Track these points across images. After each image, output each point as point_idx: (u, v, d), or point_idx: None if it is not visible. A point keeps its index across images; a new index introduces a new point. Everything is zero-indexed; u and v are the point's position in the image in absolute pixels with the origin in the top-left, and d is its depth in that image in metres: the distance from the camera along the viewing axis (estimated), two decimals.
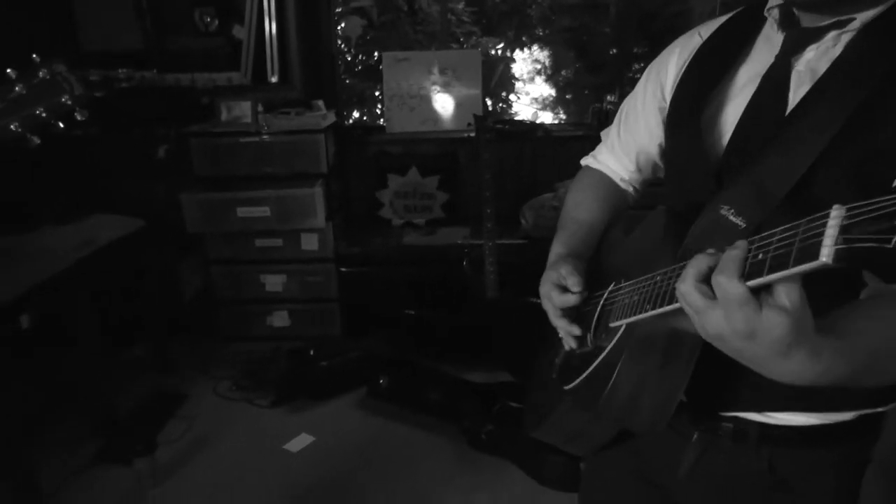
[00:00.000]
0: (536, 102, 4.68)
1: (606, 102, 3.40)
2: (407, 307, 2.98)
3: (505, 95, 4.48)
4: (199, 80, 3.15)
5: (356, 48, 3.91)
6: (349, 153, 3.36)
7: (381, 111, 4.28)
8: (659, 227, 0.94)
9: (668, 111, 0.99)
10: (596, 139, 1.20)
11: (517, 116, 4.29)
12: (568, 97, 4.44)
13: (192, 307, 3.15)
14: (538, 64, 4.60)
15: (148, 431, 2.42)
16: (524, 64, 4.57)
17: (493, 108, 4.20)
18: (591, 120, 3.39)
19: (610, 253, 1.09)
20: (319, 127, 2.94)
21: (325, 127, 2.96)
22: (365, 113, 4.63)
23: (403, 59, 3.37)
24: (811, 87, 0.78)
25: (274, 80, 3.15)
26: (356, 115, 4.65)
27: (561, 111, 4.58)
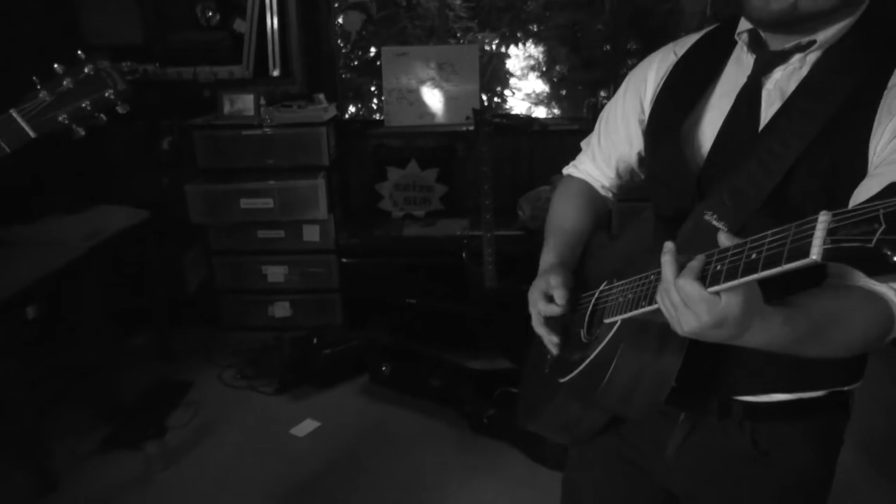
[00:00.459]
0: (530, 98, 4.74)
1: (601, 98, 3.47)
2: (407, 297, 3.05)
3: (500, 90, 4.54)
4: (200, 73, 3.19)
5: (355, 43, 3.95)
6: (349, 146, 3.41)
7: (377, 106, 4.33)
8: (648, 231, 1.05)
9: (646, 123, 1.06)
10: (590, 134, 1.26)
11: (512, 111, 4.35)
12: (562, 93, 4.51)
13: (195, 297, 3.19)
14: (532, 60, 4.66)
15: (157, 417, 2.47)
16: (520, 60, 4.63)
17: (487, 103, 4.25)
18: (586, 114, 3.46)
19: (599, 255, 1.16)
20: (321, 120, 2.99)
21: (326, 120, 3.01)
22: (361, 108, 4.67)
23: (402, 53, 3.43)
24: (781, 105, 0.86)
25: (275, 73, 3.20)
26: (352, 109, 4.69)
27: (555, 107, 4.65)
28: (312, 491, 2.23)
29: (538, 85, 4.74)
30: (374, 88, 4.43)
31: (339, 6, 3.60)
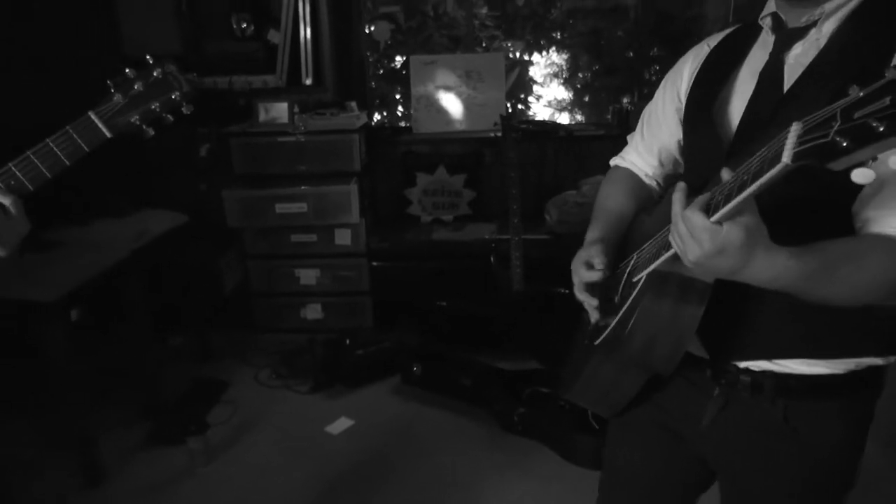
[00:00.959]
0: (552, 105, 4.79)
1: (625, 103, 3.53)
2: (436, 300, 3.11)
3: (524, 97, 4.60)
4: (236, 82, 3.29)
5: (383, 52, 4.04)
6: (378, 153, 3.49)
7: (402, 113, 4.41)
8: None
9: (684, 109, 1.15)
10: (615, 139, 1.36)
11: (536, 118, 4.41)
12: (585, 99, 4.56)
13: (230, 299, 3.29)
14: (555, 67, 4.71)
15: (198, 414, 2.56)
16: (541, 67, 4.69)
17: (511, 109, 4.32)
18: (611, 119, 3.51)
19: (636, 231, 1.24)
20: (354, 127, 3.08)
21: (358, 127, 3.10)
22: (386, 115, 4.76)
23: (430, 62, 3.51)
24: (801, 73, 0.94)
25: (308, 82, 3.29)
26: (377, 117, 4.77)
27: (578, 113, 4.70)
28: (348, 485, 2.30)
29: (560, 92, 4.80)
30: (398, 96, 4.51)
31: (368, 17, 3.69)
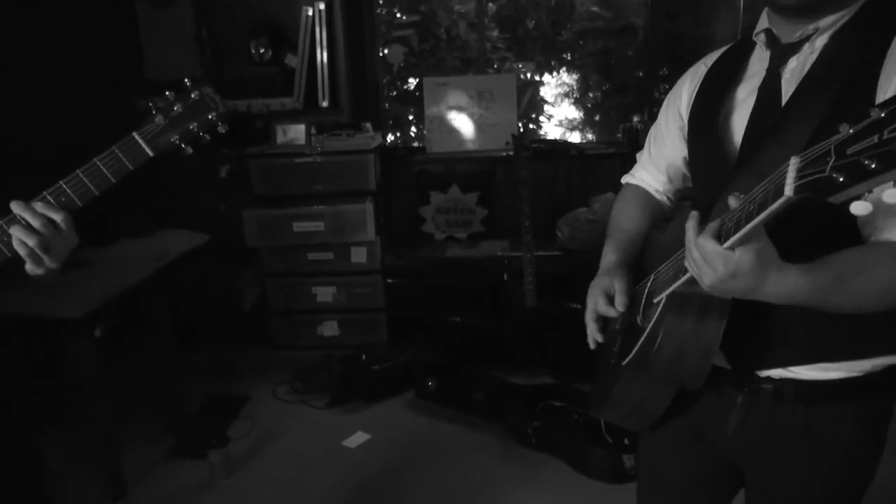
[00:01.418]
0: (563, 124, 4.87)
1: (635, 122, 3.59)
2: (450, 316, 3.17)
3: (535, 117, 4.68)
4: (254, 105, 3.38)
5: (397, 74, 4.14)
6: (392, 172, 3.57)
7: (415, 133, 4.50)
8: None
9: (687, 126, 1.20)
10: (625, 157, 1.42)
11: (547, 137, 4.48)
12: (595, 118, 4.63)
13: (248, 317, 3.36)
14: (566, 87, 4.79)
15: (218, 428, 2.61)
16: (552, 87, 4.77)
17: (523, 129, 4.39)
18: (621, 138, 3.57)
19: (651, 249, 1.29)
20: (369, 147, 3.17)
21: (373, 147, 3.18)
22: (399, 135, 4.85)
23: (443, 83, 3.59)
24: (797, 86, 0.98)
25: (324, 104, 3.38)
26: (391, 137, 4.86)
27: (588, 132, 4.77)
28: (364, 498, 2.34)
29: (571, 111, 4.87)
30: (412, 117, 4.60)
31: (382, 40, 3.79)
